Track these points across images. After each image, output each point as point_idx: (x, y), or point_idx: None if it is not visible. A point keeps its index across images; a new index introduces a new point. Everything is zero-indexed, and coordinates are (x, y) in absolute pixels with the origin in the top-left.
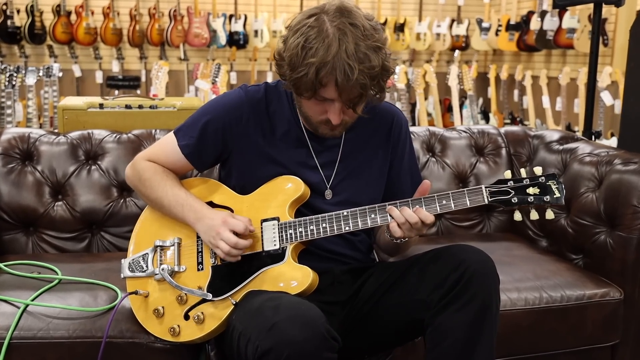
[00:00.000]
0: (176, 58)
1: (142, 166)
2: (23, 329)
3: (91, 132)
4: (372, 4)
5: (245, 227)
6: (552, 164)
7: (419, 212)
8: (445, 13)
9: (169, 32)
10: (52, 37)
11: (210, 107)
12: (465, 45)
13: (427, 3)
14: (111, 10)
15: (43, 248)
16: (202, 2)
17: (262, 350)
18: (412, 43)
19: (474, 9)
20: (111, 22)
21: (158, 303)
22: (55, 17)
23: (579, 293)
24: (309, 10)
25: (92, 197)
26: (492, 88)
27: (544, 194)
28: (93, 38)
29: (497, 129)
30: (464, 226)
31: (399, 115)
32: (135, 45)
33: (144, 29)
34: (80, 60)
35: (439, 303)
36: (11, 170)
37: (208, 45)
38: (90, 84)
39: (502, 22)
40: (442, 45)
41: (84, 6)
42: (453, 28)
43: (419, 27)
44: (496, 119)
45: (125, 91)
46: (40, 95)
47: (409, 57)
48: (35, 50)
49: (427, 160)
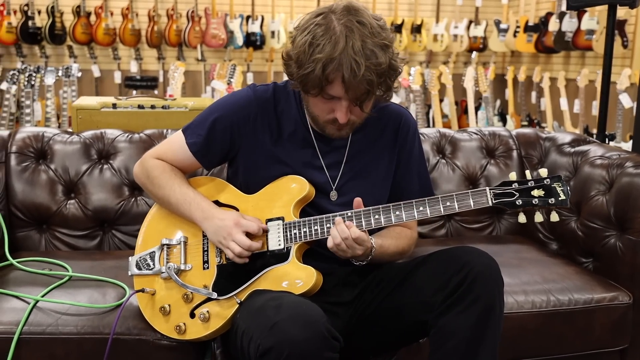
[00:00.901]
0: (193, 59)
1: (150, 164)
2: (33, 324)
3: (104, 132)
4: (389, 5)
5: (258, 227)
6: (563, 167)
7: (352, 230)
8: (463, 14)
9: (187, 33)
10: (72, 37)
11: (218, 106)
12: (482, 46)
13: (444, 4)
14: (130, 11)
15: (56, 245)
16: (220, 3)
17: (264, 349)
18: (429, 44)
19: (492, 10)
20: (130, 23)
21: (164, 301)
22: (75, 18)
23: (587, 297)
24: (317, 10)
25: (104, 196)
26: (509, 90)
27: (549, 196)
28: (112, 39)
29: (508, 131)
30: (474, 228)
31: (407, 117)
32: (153, 46)
33: (162, 30)
34: (99, 60)
35: (443, 304)
36: (25, 168)
37: (225, 46)
38: (109, 84)
39: (520, 23)
40: (459, 47)
41: (103, 7)
42: (470, 29)
43: (436, 28)
44: (513, 121)
45: (143, 91)
46: (59, 95)
47: (426, 59)
48: (55, 50)
49: (437, 162)
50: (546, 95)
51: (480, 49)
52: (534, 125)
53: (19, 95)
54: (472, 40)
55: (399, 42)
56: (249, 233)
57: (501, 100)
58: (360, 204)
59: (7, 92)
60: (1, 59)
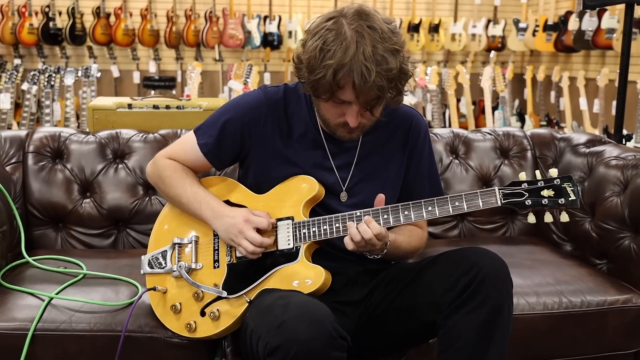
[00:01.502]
0: (211, 59)
1: (163, 164)
2: (47, 321)
3: (119, 132)
4: (406, 4)
5: (268, 223)
6: (578, 167)
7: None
8: (481, 13)
9: (205, 33)
10: (91, 38)
11: (229, 107)
12: (501, 46)
13: (462, 3)
14: (149, 11)
15: (71, 244)
16: (238, 4)
17: (271, 347)
18: (447, 44)
19: (511, 9)
20: (149, 24)
21: (176, 299)
22: (95, 19)
23: (599, 299)
24: (328, 14)
25: (119, 195)
26: (528, 89)
27: (559, 197)
28: (131, 39)
29: (522, 131)
30: (487, 229)
31: (418, 119)
32: (172, 46)
33: (181, 30)
34: (119, 60)
35: (451, 305)
36: (42, 168)
37: (243, 46)
38: (128, 84)
39: (539, 22)
40: (477, 46)
41: (122, 8)
42: (489, 28)
43: (454, 28)
44: (532, 120)
45: (162, 91)
46: (79, 95)
47: (444, 58)
48: (75, 51)
49: (450, 162)
50: (565, 95)
51: (498, 48)
52: (553, 125)
53: (39, 96)
54: (491, 40)
55: (416, 42)
56: (259, 229)
57: (520, 100)
58: (382, 200)
59: (28, 93)
60: (23, 59)
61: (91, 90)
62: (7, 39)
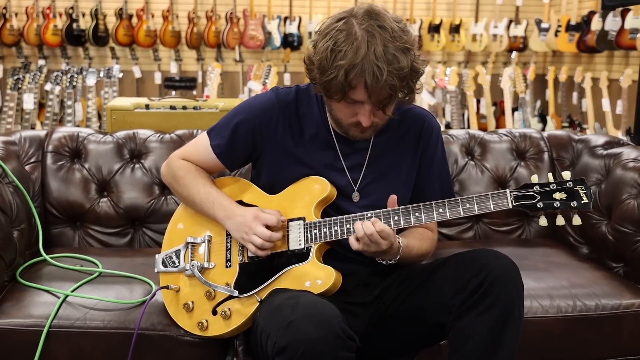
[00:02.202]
0: (232, 60)
1: (177, 164)
2: (62, 318)
3: (136, 132)
4: (427, 5)
5: (277, 219)
6: (595, 169)
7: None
8: (503, 14)
9: (225, 34)
10: (114, 39)
11: (241, 109)
12: (523, 46)
13: (484, 4)
14: (170, 13)
15: (88, 242)
16: (258, 5)
17: (279, 346)
18: (468, 44)
19: (533, 9)
20: (170, 25)
21: (188, 298)
22: (118, 20)
23: (614, 302)
24: (338, 14)
25: (135, 195)
26: (550, 90)
27: (571, 199)
28: (153, 40)
29: (539, 133)
30: (503, 231)
31: (430, 121)
32: (193, 47)
33: (202, 31)
34: (141, 61)
35: (461, 307)
36: (60, 167)
37: (263, 47)
38: (150, 84)
39: (561, 22)
40: (498, 47)
41: (144, 9)
42: (510, 29)
43: (475, 28)
44: (554, 122)
45: (182, 92)
46: (101, 96)
47: (464, 59)
48: (98, 52)
49: (466, 164)
50: (588, 96)
51: (520, 48)
52: (575, 127)
53: (62, 96)
54: (512, 40)
55: (436, 43)
56: (269, 227)
57: (541, 101)
58: (394, 201)
59: (51, 93)
60: (47, 60)
61: (113, 91)
62: (31, 40)
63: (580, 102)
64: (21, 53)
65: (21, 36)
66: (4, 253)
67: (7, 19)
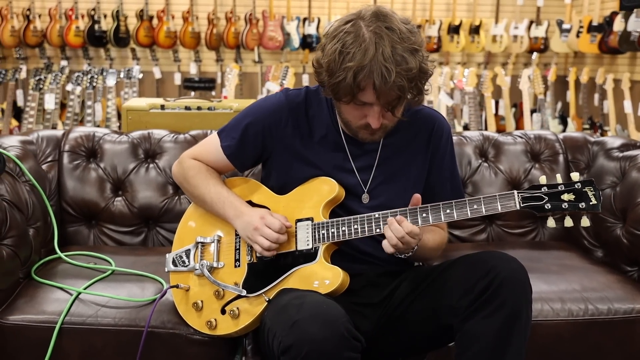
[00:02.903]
0: (251, 61)
1: (188, 164)
2: (74, 315)
3: (151, 132)
4: (447, 6)
5: (281, 225)
6: (610, 172)
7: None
8: (524, 14)
9: (245, 35)
10: (135, 40)
11: (251, 110)
12: (544, 47)
13: (504, 4)
14: (190, 14)
15: (103, 240)
16: (277, 6)
17: (284, 346)
18: (488, 45)
19: (554, 10)
20: (190, 26)
21: (197, 297)
22: (139, 21)
23: (627, 306)
24: (346, 17)
25: (149, 194)
26: (571, 92)
27: (579, 201)
28: (173, 41)
29: (555, 135)
30: (516, 233)
31: (440, 122)
32: (212, 48)
33: (221, 33)
34: (161, 62)
35: (468, 309)
36: (76, 166)
37: (282, 48)
38: (170, 85)
39: (583, 23)
40: (519, 48)
41: (165, 11)
42: (531, 30)
43: (495, 29)
44: (574, 124)
45: (202, 93)
46: (121, 96)
47: (484, 60)
48: (119, 53)
49: (479, 166)
50: (609, 98)
51: (541, 49)
52: (596, 129)
53: (83, 96)
54: (533, 41)
55: (456, 44)
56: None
57: (562, 103)
58: (418, 200)
59: (72, 93)
60: (70, 61)
61: (133, 91)
62: (54, 41)
63: (601, 104)
64: (44, 54)
65: (44, 37)
66: (19, 250)
67: (30, 21)
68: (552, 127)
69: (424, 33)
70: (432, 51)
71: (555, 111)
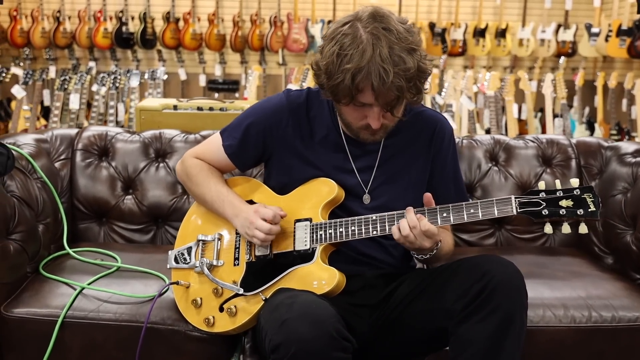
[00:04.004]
0: (275, 63)
1: (190, 163)
2: (77, 309)
3: (162, 132)
4: (473, 9)
5: (274, 214)
6: (622, 177)
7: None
8: (551, 18)
9: (269, 37)
10: (161, 42)
11: (253, 111)
12: (572, 51)
13: (531, 8)
14: (216, 16)
15: (113, 238)
16: (302, 9)
17: (273, 344)
18: (514, 49)
19: (583, 14)
20: (215, 28)
21: (197, 294)
22: (165, 23)
23: (632, 315)
24: (343, 19)
25: (159, 193)
26: (599, 97)
27: (578, 207)
28: (198, 43)
29: (568, 139)
30: (526, 239)
31: (442, 123)
32: (237, 50)
33: (246, 35)
34: (186, 64)
35: (462, 312)
36: (89, 165)
37: (306, 50)
38: (194, 86)
39: (612, 27)
40: (546, 52)
41: (191, 13)
42: (559, 33)
43: (522, 33)
44: (602, 129)
45: (226, 94)
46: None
47: (510, 64)
48: (146, 54)
49: (489, 170)
50: (638, 103)
51: (569, 54)
52: (624, 135)
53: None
54: (561, 45)
55: (481, 48)
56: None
57: (590, 108)
58: (430, 199)
59: (97, 94)
60: (97, 62)
61: (157, 92)
62: (83, 42)
63: (629, 110)
64: (73, 55)
65: (73, 39)
66: (26, 245)
67: (60, 22)
68: (579, 133)
69: (449, 36)
70: (457, 55)
71: (583, 116)
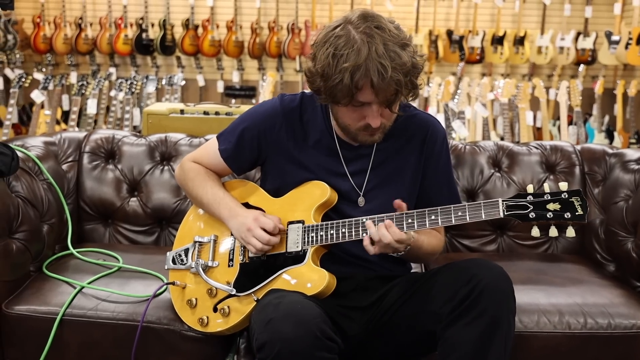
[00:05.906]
0: (292, 70)
1: (188, 166)
2: (75, 308)
3: (168, 136)
4: (491, 17)
5: (275, 225)
6: (625, 184)
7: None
8: (571, 25)
9: (287, 44)
10: (180, 49)
11: (248, 115)
12: (591, 59)
13: (550, 15)
14: (234, 23)
15: (117, 239)
16: (320, 16)
17: (259, 343)
18: (533, 57)
19: (603, 21)
20: (234, 35)
21: (192, 294)
22: (184, 30)
23: (628, 322)
24: (333, 23)
25: (163, 195)
26: (618, 105)
27: (565, 211)
28: (217, 50)
29: (573, 146)
30: (528, 245)
31: (435, 127)
32: (255, 57)
33: (264, 42)
34: (204, 70)
35: (450, 316)
36: (95, 167)
37: None
38: (212, 92)
39: (633, 35)
40: (565, 60)
41: (210, 20)
42: (579, 41)
43: (541, 40)
44: (621, 138)
45: (243, 100)
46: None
47: (529, 72)
48: (165, 61)
49: (492, 175)
50: None
51: (588, 62)
52: None
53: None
54: (580, 53)
55: (499, 55)
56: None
57: (610, 116)
58: (401, 205)
59: (115, 99)
60: (118, 68)
61: (174, 98)
62: (104, 49)
63: None
64: (94, 61)
65: (94, 45)
66: (30, 245)
67: (82, 29)
68: (598, 141)
69: (467, 44)
70: (474, 62)
71: (602, 125)
